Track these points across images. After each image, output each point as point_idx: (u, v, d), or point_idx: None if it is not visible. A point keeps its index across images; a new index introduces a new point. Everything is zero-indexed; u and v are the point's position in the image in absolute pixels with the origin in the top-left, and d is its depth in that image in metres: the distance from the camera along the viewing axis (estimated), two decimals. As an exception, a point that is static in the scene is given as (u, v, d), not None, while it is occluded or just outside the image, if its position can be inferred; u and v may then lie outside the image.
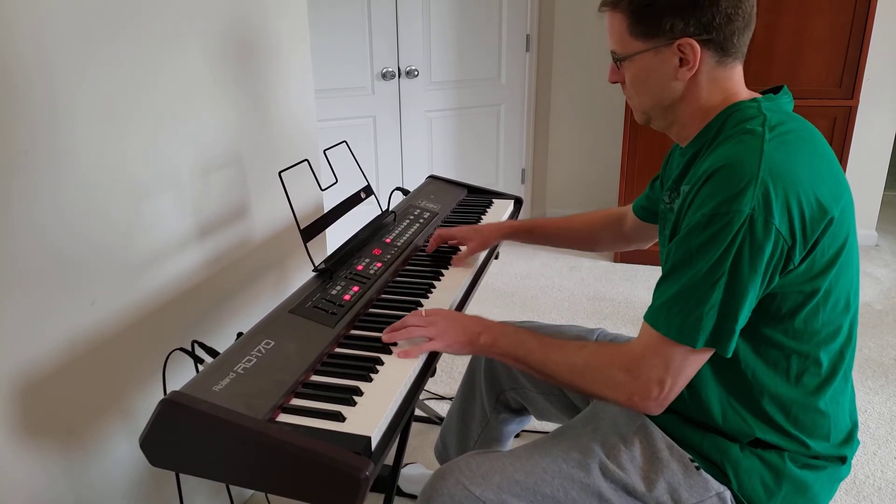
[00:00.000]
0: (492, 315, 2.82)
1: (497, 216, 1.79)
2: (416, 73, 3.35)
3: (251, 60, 1.57)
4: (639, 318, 2.75)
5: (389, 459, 1.27)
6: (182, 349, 1.16)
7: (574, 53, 3.72)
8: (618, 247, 1.49)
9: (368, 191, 1.58)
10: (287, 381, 0.97)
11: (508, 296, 3.00)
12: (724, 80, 1.00)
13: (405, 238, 1.55)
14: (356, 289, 1.27)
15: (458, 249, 1.51)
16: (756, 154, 0.89)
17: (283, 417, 0.92)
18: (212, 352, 1.10)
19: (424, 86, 3.44)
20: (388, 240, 1.52)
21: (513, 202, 1.91)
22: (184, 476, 1.41)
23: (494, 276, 3.18)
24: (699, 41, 0.95)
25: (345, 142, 1.66)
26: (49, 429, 1.13)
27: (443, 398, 2.21)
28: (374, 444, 0.89)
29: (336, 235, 1.82)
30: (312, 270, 1.32)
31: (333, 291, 1.25)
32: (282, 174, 1.33)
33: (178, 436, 0.87)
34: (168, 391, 0.94)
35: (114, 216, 1.22)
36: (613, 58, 1.03)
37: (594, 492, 1.02)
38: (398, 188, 1.91)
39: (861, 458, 1.89)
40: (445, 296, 1.31)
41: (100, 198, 1.18)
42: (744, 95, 1.01)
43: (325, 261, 1.34)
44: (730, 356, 0.93)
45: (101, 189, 1.18)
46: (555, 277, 3.16)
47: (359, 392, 0.97)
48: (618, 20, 1.00)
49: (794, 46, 2.84)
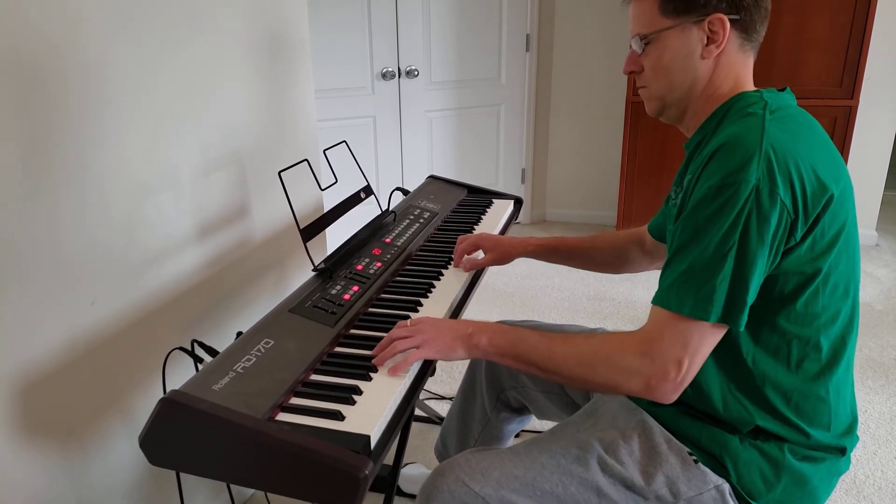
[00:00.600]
0: (492, 315, 2.84)
1: (497, 216, 1.79)
2: (416, 73, 3.36)
3: (251, 60, 1.57)
4: (639, 318, 2.75)
5: (389, 459, 1.27)
6: (182, 348, 1.16)
7: (574, 53, 3.72)
8: (641, 267, 1.44)
9: (368, 191, 1.58)
10: (287, 381, 0.97)
11: (508, 296, 3.00)
12: (739, 68, 1.03)
13: (405, 238, 1.55)
14: (356, 288, 1.27)
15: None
16: (758, 131, 0.91)
17: (283, 416, 0.92)
18: (211, 351, 1.10)
19: (424, 86, 3.44)
20: (388, 240, 1.52)
21: (513, 202, 1.91)
22: (184, 475, 1.41)
23: (494, 276, 3.18)
24: (729, 19, 0.98)
25: (344, 142, 1.66)
26: (49, 428, 1.13)
27: (443, 398, 2.21)
28: (374, 443, 0.89)
29: (336, 235, 1.82)
30: (312, 270, 1.32)
31: (333, 291, 1.25)
32: (282, 174, 1.33)
33: (178, 435, 0.87)
34: (168, 390, 0.95)
35: (114, 216, 1.22)
36: (640, 39, 1.04)
37: (593, 486, 1.02)
38: (398, 188, 1.91)
39: (861, 458, 1.89)
40: (445, 295, 1.32)
41: (100, 197, 1.18)
42: (750, 88, 1.04)
43: (325, 260, 1.34)
44: (742, 329, 0.93)
45: (102, 189, 1.18)
46: (555, 277, 3.16)
47: (358, 391, 0.97)
48: (648, 2, 1.02)
49: (794, 46, 2.85)
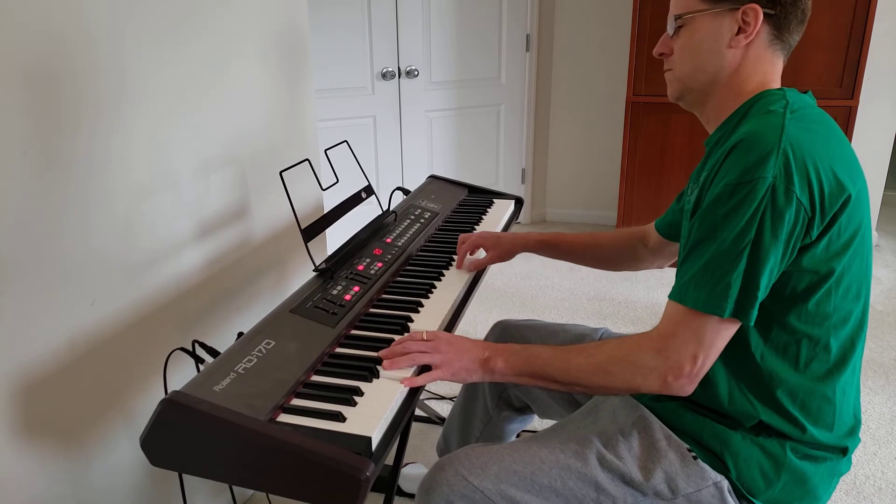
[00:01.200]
0: (492, 315, 2.84)
1: (498, 216, 1.79)
2: (416, 73, 3.35)
3: (251, 61, 1.57)
4: (639, 318, 2.75)
5: (389, 459, 1.27)
6: (183, 349, 1.16)
7: (574, 53, 3.71)
8: (640, 266, 1.45)
9: (369, 191, 1.58)
10: (288, 381, 0.97)
11: (508, 296, 2.99)
12: (767, 65, 1.03)
13: (406, 238, 1.55)
14: (357, 289, 1.27)
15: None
16: (777, 129, 0.92)
17: (284, 417, 0.92)
18: (212, 352, 1.10)
19: (424, 86, 3.44)
20: (389, 240, 1.52)
21: (513, 202, 1.91)
22: (185, 476, 1.41)
23: (494, 276, 3.18)
24: (763, 13, 0.98)
25: (345, 142, 1.66)
26: (49, 429, 1.13)
27: (443, 398, 2.21)
28: (375, 445, 0.89)
29: (336, 235, 1.82)
30: (313, 270, 1.32)
31: (334, 291, 1.24)
32: (283, 174, 1.33)
33: (179, 436, 0.87)
34: (169, 391, 0.94)
35: (114, 216, 1.22)
36: (674, 19, 1.05)
37: (591, 481, 1.02)
38: (399, 188, 1.91)
39: (861, 459, 1.89)
40: (446, 296, 1.31)
41: (100, 198, 1.18)
42: (776, 86, 1.04)
43: (326, 260, 1.34)
44: (752, 324, 0.93)
45: (102, 189, 1.18)
46: (555, 277, 3.16)
47: (359, 392, 0.97)
48: None
49: (795, 46, 2.84)
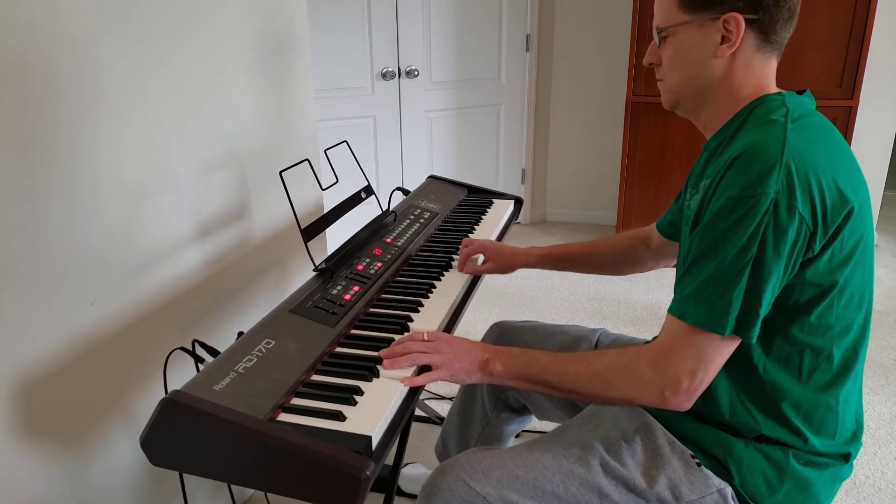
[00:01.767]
0: (492, 315, 2.84)
1: (497, 216, 1.79)
2: (416, 73, 3.35)
3: (251, 60, 1.57)
4: (639, 319, 2.75)
5: (389, 459, 1.27)
6: (183, 348, 1.16)
7: (574, 53, 3.72)
8: (647, 267, 1.44)
9: (369, 191, 1.58)
10: (288, 381, 0.97)
11: (508, 296, 3.00)
12: (759, 70, 1.00)
13: (405, 238, 1.55)
14: (357, 288, 1.27)
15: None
16: (779, 140, 0.90)
17: (284, 417, 0.92)
18: (212, 351, 1.10)
19: (424, 86, 3.44)
20: (389, 240, 1.52)
21: (513, 202, 1.91)
22: (186, 475, 1.41)
23: (494, 277, 3.17)
24: (745, 20, 0.96)
25: (345, 142, 1.66)
26: (49, 429, 1.13)
27: (443, 398, 2.21)
28: (375, 444, 0.89)
29: (336, 235, 1.82)
30: (313, 270, 1.32)
31: (334, 291, 1.25)
32: (282, 174, 1.33)
33: (179, 435, 0.87)
34: (169, 391, 0.94)
35: (114, 216, 1.22)
36: (657, 33, 1.04)
37: (594, 488, 1.02)
38: (398, 188, 1.91)
39: (861, 459, 1.89)
40: (446, 296, 1.31)
41: (100, 197, 1.18)
42: (773, 90, 1.02)
43: (326, 260, 1.34)
44: (754, 342, 0.92)
45: (102, 189, 1.18)
46: (555, 277, 3.16)
47: (359, 391, 0.97)
48: None
49: (794, 46, 2.84)
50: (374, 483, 0.84)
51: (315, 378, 1.02)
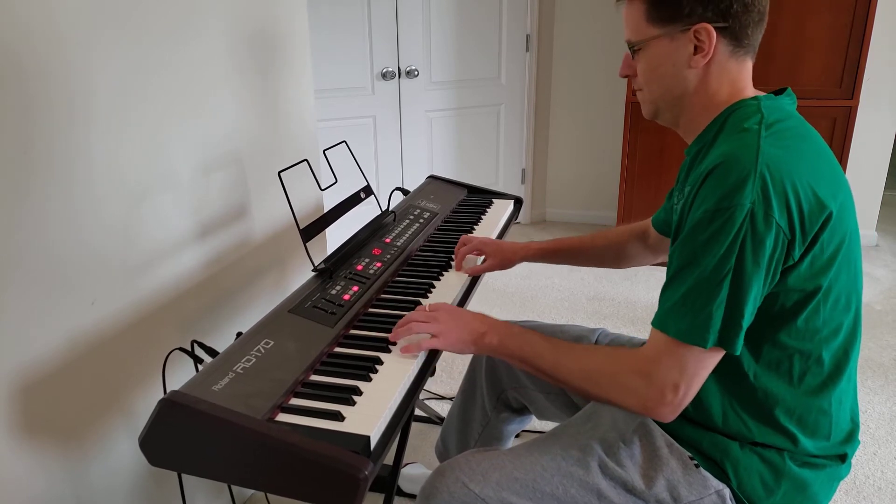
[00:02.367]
0: (491, 315, 2.82)
1: (497, 216, 1.79)
2: (416, 73, 3.36)
3: (251, 60, 1.57)
4: (639, 318, 2.75)
5: (389, 459, 1.27)
6: (182, 349, 1.16)
7: (574, 53, 3.72)
8: (644, 261, 1.45)
9: (368, 191, 1.58)
10: (286, 381, 0.97)
11: (508, 296, 3.00)
12: (734, 74, 1.00)
13: (405, 238, 1.55)
14: (356, 288, 1.27)
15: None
16: (752, 150, 0.90)
17: (283, 417, 0.92)
18: (211, 351, 1.10)
19: (424, 86, 3.44)
20: (388, 240, 1.52)
21: (513, 202, 1.91)
22: (184, 475, 1.41)
23: (494, 276, 3.18)
24: (715, 28, 0.96)
25: (344, 142, 1.66)
26: (49, 429, 1.13)
27: (443, 398, 2.21)
28: (374, 444, 0.89)
29: (336, 235, 1.82)
30: (312, 270, 1.32)
31: (333, 291, 1.25)
32: (281, 174, 1.33)
33: (178, 435, 0.87)
34: (168, 391, 0.95)
35: (114, 216, 1.22)
36: (629, 48, 1.04)
37: (593, 489, 1.02)
38: (398, 188, 1.91)
39: (861, 459, 1.88)
40: (445, 296, 1.32)
41: (100, 198, 1.18)
42: (749, 93, 1.01)
43: (325, 261, 1.34)
44: (738, 353, 0.93)
45: (102, 189, 1.18)
46: (555, 277, 3.16)
47: (358, 392, 0.97)
48: (635, 7, 1.01)
49: (794, 46, 2.84)
50: (374, 483, 0.84)
51: (314, 378, 1.02)
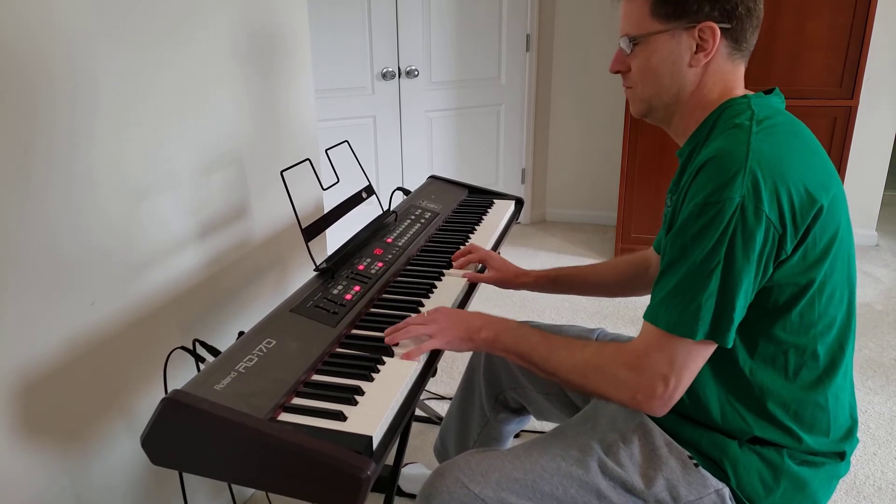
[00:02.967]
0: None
1: (498, 217, 1.79)
2: (416, 73, 3.36)
3: (251, 60, 1.57)
4: (639, 319, 2.74)
5: (390, 459, 1.27)
6: (183, 348, 1.16)
7: (574, 53, 3.72)
8: (645, 292, 1.42)
9: (370, 190, 1.58)
10: (288, 381, 0.97)
11: (508, 296, 3.00)
12: (728, 76, 1.01)
13: (406, 238, 1.55)
14: (357, 288, 1.27)
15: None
16: (743, 145, 0.90)
17: (285, 416, 0.92)
18: (213, 351, 1.10)
19: (424, 86, 3.44)
20: (390, 240, 1.52)
21: (513, 203, 1.91)
22: (186, 475, 1.41)
23: (494, 276, 3.17)
24: (720, 28, 0.96)
25: (346, 142, 1.66)
26: (50, 429, 1.13)
27: (443, 398, 2.21)
28: (376, 444, 0.89)
29: (337, 235, 1.82)
30: (314, 270, 1.32)
31: (335, 291, 1.25)
32: (283, 173, 1.33)
33: (180, 435, 0.87)
34: (169, 390, 0.94)
35: (114, 216, 1.22)
36: (629, 40, 1.03)
37: (593, 489, 1.02)
38: (399, 188, 1.91)
39: (861, 459, 1.89)
40: (446, 296, 1.32)
41: (100, 197, 1.18)
42: (739, 93, 1.02)
43: (327, 260, 1.34)
44: (730, 346, 0.93)
45: (102, 189, 1.18)
46: (555, 277, 3.16)
47: (360, 391, 0.97)
48: (639, 1, 1.01)
49: (794, 46, 2.85)
50: (375, 483, 0.84)
51: (316, 378, 1.02)
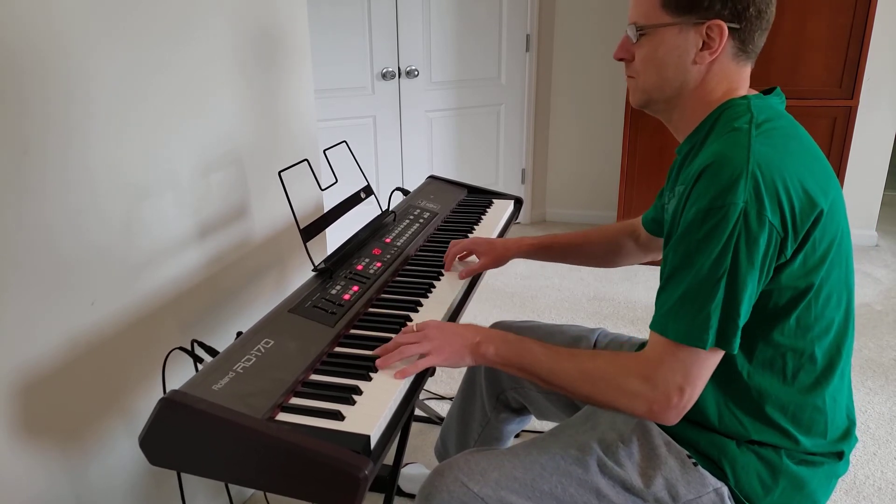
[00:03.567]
0: (492, 315, 2.84)
1: (497, 216, 1.79)
2: (416, 73, 3.36)
3: (251, 60, 1.57)
4: (639, 319, 2.75)
5: (389, 459, 1.27)
6: (182, 348, 1.16)
7: (574, 53, 3.72)
8: (636, 259, 1.44)
9: (368, 191, 1.58)
10: (286, 380, 0.97)
11: (508, 296, 3.00)
12: (732, 75, 1.00)
13: (405, 238, 1.55)
14: (356, 288, 1.27)
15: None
16: (744, 149, 0.90)
17: (283, 416, 0.92)
18: (211, 351, 1.10)
19: (424, 86, 3.44)
20: (388, 240, 1.52)
21: (513, 202, 1.91)
22: (184, 475, 1.41)
23: (494, 277, 3.18)
24: (728, 27, 0.96)
25: (345, 142, 1.66)
26: (49, 429, 1.13)
27: (443, 398, 2.21)
28: (374, 443, 0.89)
29: (336, 235, 1.82)
30: (312, 270, 1.32)
31: (333, 291, 1.25)
32: (282, 174, 1.33)
33: (178, 435, 0.87)
34: (168, 390, 0.95)
35: (114, 216, 1.22)
36: (636, 29, 1.02)
37: (592, 488, 1.02)
38: (398, 188, 1.92)
39: (861, 459, 1.89)
40: (445, 296, 1.32)
41: (100, 197, 1.18)
42: (741, 93, 1.01)
43: (325, 260, 1.34)
44: (735, 352, 0.93)
45: (102, 189, 1.18)
46: (555, 277, 3.16)
47: (358, 391, 0.97)
48: None
49: (794, 46, 2.85)
50: (374, 483, 0.84)
51: (314, 378, 1.02)
